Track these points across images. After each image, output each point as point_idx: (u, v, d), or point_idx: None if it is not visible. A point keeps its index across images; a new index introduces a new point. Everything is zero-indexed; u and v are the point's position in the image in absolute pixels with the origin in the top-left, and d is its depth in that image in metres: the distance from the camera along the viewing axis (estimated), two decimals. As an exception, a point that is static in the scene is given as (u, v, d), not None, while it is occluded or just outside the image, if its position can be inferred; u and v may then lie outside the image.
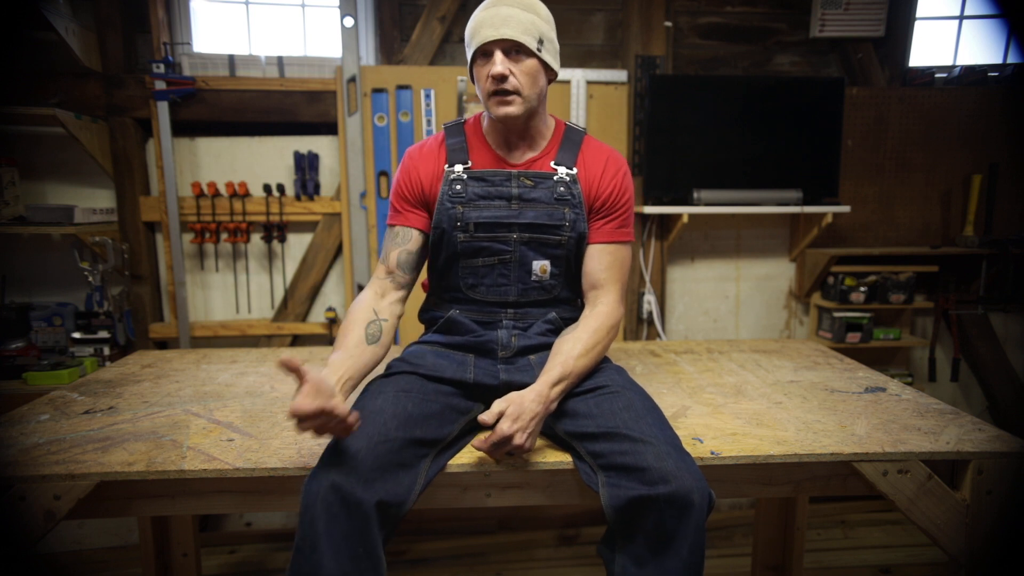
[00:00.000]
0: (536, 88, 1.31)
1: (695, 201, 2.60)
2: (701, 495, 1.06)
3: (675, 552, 1.07)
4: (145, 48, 2.56)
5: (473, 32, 1.29)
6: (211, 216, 2.57)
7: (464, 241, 1.35)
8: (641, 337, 2.85)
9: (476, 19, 1.29)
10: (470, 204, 1.35)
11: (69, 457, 1.19)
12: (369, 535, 1.03)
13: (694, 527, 1.06)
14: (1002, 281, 2.85)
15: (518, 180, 1.36)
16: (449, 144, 1.40)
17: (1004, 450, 1.24)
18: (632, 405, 1.21)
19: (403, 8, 2.68)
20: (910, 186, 2.89)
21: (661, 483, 1.05)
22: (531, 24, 1.27)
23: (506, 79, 1.26)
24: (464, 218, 1.34)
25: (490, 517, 2.75)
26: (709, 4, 2.81)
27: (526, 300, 1.40)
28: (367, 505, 1.03)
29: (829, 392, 1.58)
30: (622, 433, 1.14)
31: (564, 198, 1.36)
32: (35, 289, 2.60)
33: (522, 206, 1.36)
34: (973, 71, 2.87)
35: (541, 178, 1.37)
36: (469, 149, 1.40)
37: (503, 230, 1.35)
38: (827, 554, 2.59)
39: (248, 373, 1.75)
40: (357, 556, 1.02)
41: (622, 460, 1.11)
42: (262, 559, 2.56)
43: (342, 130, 2.55)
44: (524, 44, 1.26)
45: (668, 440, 1.14)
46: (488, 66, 1.27)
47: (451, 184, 1.36)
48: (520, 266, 1.37)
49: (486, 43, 1.26)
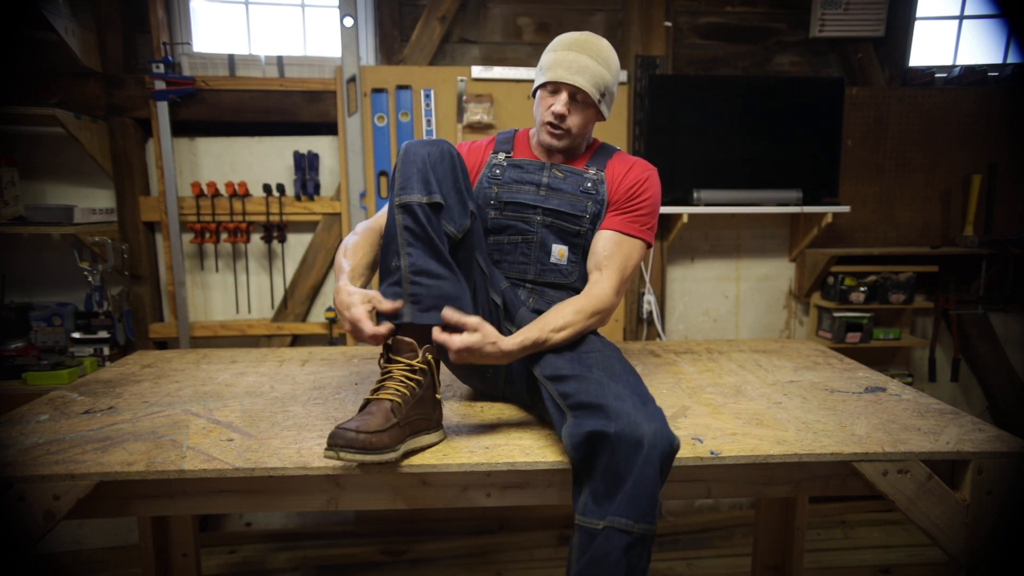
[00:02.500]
0: (586, 131, 1.50)
1: (695, 201, 2.60)
2: (655, 436, 1.09)
3: (625, 488, 1.09)
4: (145, 48, 2.56)
5: (550, 65, 1.44)
6: (211, 216, 2.57)
7: (494, 218, 1.50)
8: (641, 337, 2.85)
9: (558, 55, 1.43)
10: (504, 186, 1.51)
11: (69, 457, 1.19)
12: (458, 175, 1.31)
13: (644, 463, 1.08)
14: (1002, 281, 2.85)
15: (550, 171, 1.52)
16: (499, 139, 1.60)
17: (1004, 450, 1.24)
18: (610, 365, 1.29)
19: (403, 8, 2.68)
20: (910, 186, 2.89)
21: (614, 420, 1.10)
22: (600, 78, 1.43)
23: (564, 119, 1.45)
24: (497, 197, 1.50)
25: (490, 517, 2.75)
26: (709, 4, 2.81)
27: (543, 280, 1.50)
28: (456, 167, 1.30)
29: (829, 392, 1.58)
30: (592, 377, 1.21)
31: (589, 192, 1.50)
32: (35, 289, 2.60)
33: (549, 193, 1.50)
34: (973, 71, 2.87)
35: (571, 172, 1.51)
36: (515, 145, 1.58)
37: (529, 211, 1.49)
38: (827, 554, 2.59)
39: (248, 373, 1.75)
40: (451, 177, 1.30)
41: (587, 399, 1.17)
42: (262, 559, 2.56)
43: (342, 130, 2.55)
44: (589, 95, 1.43)
45: (634, 391, 1.19)
46: (552, 100, 1.45)
47: (492, 168, 1.53)
48: (541, 247, 1.49)
49: (559, 82, 1.42)
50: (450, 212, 1.29)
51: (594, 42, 1.45)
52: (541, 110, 1.48)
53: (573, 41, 1.44)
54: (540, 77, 1.47)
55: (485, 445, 1.28)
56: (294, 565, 2.53)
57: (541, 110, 1.48)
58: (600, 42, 1.46)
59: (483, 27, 2.74)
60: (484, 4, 2.73)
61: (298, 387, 1.62)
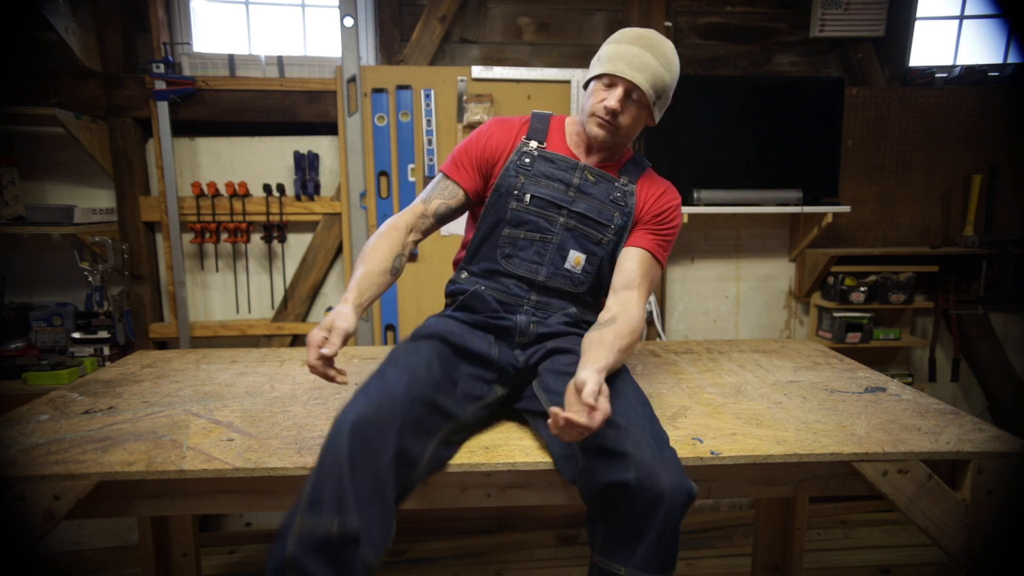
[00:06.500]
0: (633, 132, 1.43)
1: (695, 201, 2.60)
2: (675, 489, 1.07)
3: (647, 540, 1.08)
4: (145, 48, 2.56)
5: (610, 57, 1.35)
6: (211, 216, 2.57)
7: (515, 209, 1.43)
8: (641, 337, 2.85)
9: (620, 48, 1.35)
10: (532, 179, 1.43)
11: (69, 457, 1.19)
12: (384, 474, 1.04)
13: (665, 518, 1.06)
14: (1002, 281, 2.85)
15: (582, 172, 1.45)
16: (533, 124, 1.49)
17: (1004, 450, 1.24)
18: (625, 394, 1.24)
19: (403, 8, 2.68)
20: (910, 186, 2.89)
21: (634, 471, 1.06)
22: (659, 79, 1.35)
23: (616, 115, 1.37)
24: (522, 188, 1.43)
25: (490, 517, 2.75)
26: (709, 4, 2.81)
27: (552, 285, 1.44)
28: (389, 447, 1.05)
29: (829, 392, 1.58)
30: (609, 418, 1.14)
31: (619, 202, 1.45)
32: (35, 289, 2.59)
33: (577, 195, 1.44)
34: (973, 71, 2.87)
35: (603, 178, 1.46)
36: (549, 134, 1.49)
37: (554, 210, 1.43)
38: (827, 554, 2.59)
39: (248, 373, 1.75)
40: (372, 480, 1.03)
41: (604, 443, 1.11)
42: (262, 559, 2.56)
43: (342, 130, 2.55)
44: (645, 95, 1.35)
45: (652, 432, 1.16)
46: (606, 94, 1.36)
47: (521, 156, 1.45)
48: (558, 250, 1.44)
49: (617, 76, 1.34)
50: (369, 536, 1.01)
51: (659, 41, 1.37)
52: (592, 102, 1.39)
53: (639, 36, 1.36)
54: (597, 67, 1.38)
55: (485, 445, 1.28)
56: (294, 565, 2.53)
57: (592, 102, 1.39)
58: (665, 43, 1.38)
59: (483, 27, 2.74)
60: (484, 4, 2.73)
61: (298, 387, 1.62)
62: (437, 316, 1.44)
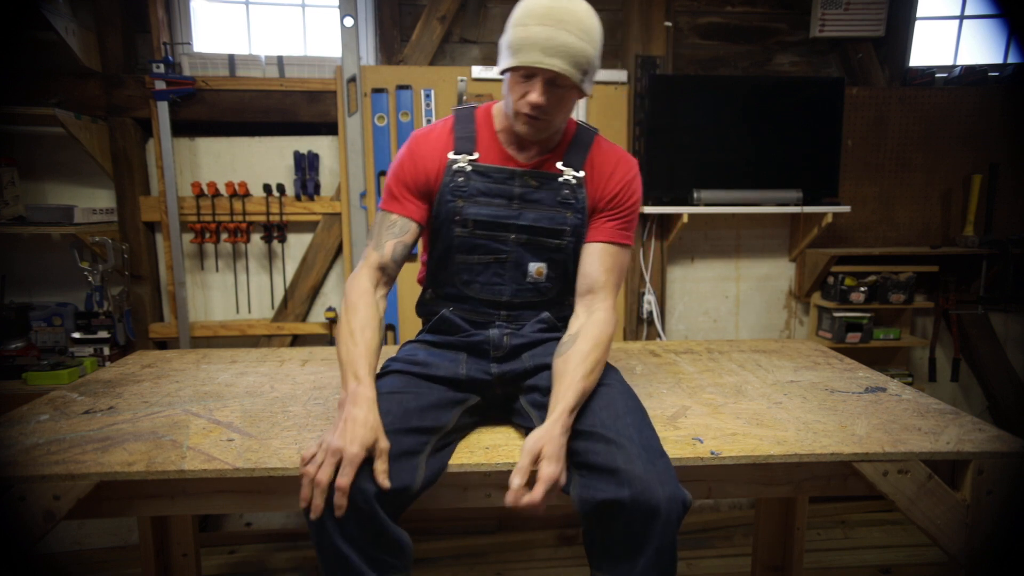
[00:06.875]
0: (566, 113, 1.28)
1: (695, 201, 2.60)
2: (670, 501, 1.06)
3: (646, 555, 1.08)
4: (145, 48, 2.56)
5: (520, 44, 1.17)
6: (211, 216, 2.57)
7: (460, 236, 1.32)
8: (641, 337, 2.85)
9: (530, 32, 1.16)
10: (470, 200, 1.31)
11: (69, 457, 1.19)
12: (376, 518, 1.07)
13: (661, 532, 1.06)
14: (1002, 281, 2.85)
15: (522, 179, 1.33)
16: (458, 132, 1.34)
17: (1004, 450, 1.24)
18: (612, 403, 1.21)
19: (403, 8, 2.68)
20: (910, 186, 2.89)
21: (628, 487, 1.05)
22: (582, 55, 1.18)
23: (544, 109, 1.22)
24: (463, 213, 1.31)
25: (490, 517, 2.74)
26: (709, 4, 2.81)
27: (520, 300, 1.38)
28: (368, 493, 1.06)
29: (829, 392, 1.58)
30: (598, 433, 1.13)
31: (568, 201, 1.33)
32: (35, 289, 2.59)
33: (523, 207, 1.33)
34: (973, 71, 2.87)
35: (546, 179, 1.33)
36: (477, 140, 1.34)
37: (501, 230, 1.33)
38: (827, 554, 2.59)
39: (248, 373, 1.75)
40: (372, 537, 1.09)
41: (596, 459, 1.10)
42: (262, 559, 2.56)
43: (342, 130, 2.55)
44: (570, 78, 1.18)
45: (643, 443, 1.13)
46: (527, 88, 1.21)
47: (454, 176, 1.32)
48: (516, 267, 1.35)
49: (533, 67, 1.17)
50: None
51: (570, 10, 1.17)
52: (514, 98, 1.23)
53: (546, 12, 1.16)
54: (508, 58, 1.20)
55: (485, 445, 1.28)
56: (294, 565, 2.53)
57: (514, 98, 1.23)
58: (577, 9, 1.18)
59: (483, 27, 2.74)
60: (484, 4, 2.73)
61: (298, 387, 1.62)
62: (409, 343, 1.43)
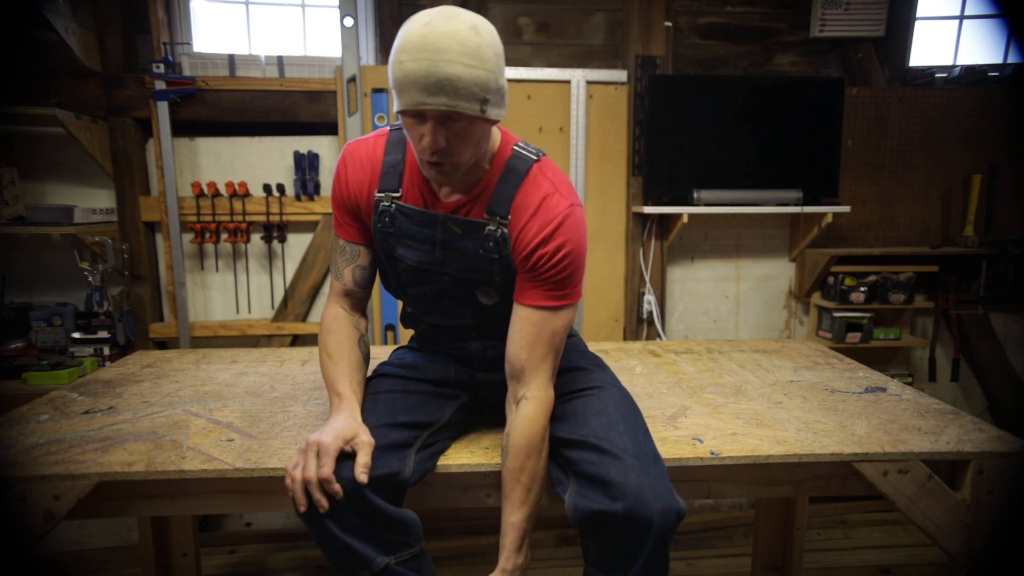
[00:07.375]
0: (478, 148, 1.10)
1: (695, 201, 2.60)
2: (663, 512, 1.06)
3: (638, 564, 1.09)
4: (145, 48, 2.56)
5: (399, 84, 1.01)
6: (211, 216, 2.57)
7: (403, 271, 1.26)
8: (641, 337, 2.85)
9: (405, 68, 0.99)
10: (399, 240, 1.22)
11: (69, 457, 1.19)
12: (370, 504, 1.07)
13: (654, 544, 1.07)
14: (1002, 281, 2.85)
15: (444, 225, 1.19)
16: (387, 159, 1.21)
17: (1004, 450, 1.24)
18: (604, 409, 1.21)
19: (403, 8, 2.68)
20: (910, 186, 2.89)
21: (621, 499, 1.05)
22: (474, 83, 1.00)
23: (446, 151, 1.05)
24: (396, 251, 1.24)
25: (490, 517, 2.74)
26: (709, 4, 2.81)
27: (484, 320, 1.30)
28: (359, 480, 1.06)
29: (829, 392, 1.58)
30: (591, 442, 1.14)
31: (491, 254, 1.18)
32: (35, 289, 2.59)
33: (445, 254, 1.21)
34: (973, 71, 2.87)
35: (470, 227, 1.18)
36: (404, 172, 1.20)
37: (432, 274, 1.24)
38: (827, 554, 2.59)
39: (248, 373, 1.75)
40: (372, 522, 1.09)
41: (590, 470, 1.11)
42: (262, 559, 2.56)
43: (342, 130, 2.55)
44: (465, 113, 1.02)
45: (636, 450, 1.12)
46: (422, 129, 1.04)
47: (380, 215, 1.21)
48: (466, 297, 1.27)
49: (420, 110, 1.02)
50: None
51: (448, 32, 0.98)
52: (414, 141, 1.07)
53: (421, 43, 0.98)
54: (396, 98, 1.04)
55: (485, 445, 1.28)
56: (294, 565, 2.53)
57: (414, 141, 1.07)
58: (457, 28, 0.99)
59: (483, 27, 2.74)
60: (484, 4, 2.73)
61: (298, 387, 1.62)
62: (400, 349, 1.45)
